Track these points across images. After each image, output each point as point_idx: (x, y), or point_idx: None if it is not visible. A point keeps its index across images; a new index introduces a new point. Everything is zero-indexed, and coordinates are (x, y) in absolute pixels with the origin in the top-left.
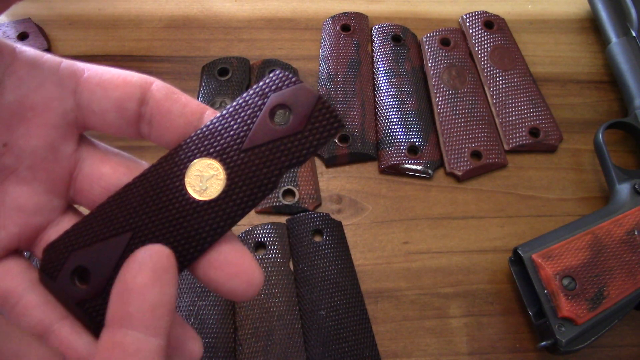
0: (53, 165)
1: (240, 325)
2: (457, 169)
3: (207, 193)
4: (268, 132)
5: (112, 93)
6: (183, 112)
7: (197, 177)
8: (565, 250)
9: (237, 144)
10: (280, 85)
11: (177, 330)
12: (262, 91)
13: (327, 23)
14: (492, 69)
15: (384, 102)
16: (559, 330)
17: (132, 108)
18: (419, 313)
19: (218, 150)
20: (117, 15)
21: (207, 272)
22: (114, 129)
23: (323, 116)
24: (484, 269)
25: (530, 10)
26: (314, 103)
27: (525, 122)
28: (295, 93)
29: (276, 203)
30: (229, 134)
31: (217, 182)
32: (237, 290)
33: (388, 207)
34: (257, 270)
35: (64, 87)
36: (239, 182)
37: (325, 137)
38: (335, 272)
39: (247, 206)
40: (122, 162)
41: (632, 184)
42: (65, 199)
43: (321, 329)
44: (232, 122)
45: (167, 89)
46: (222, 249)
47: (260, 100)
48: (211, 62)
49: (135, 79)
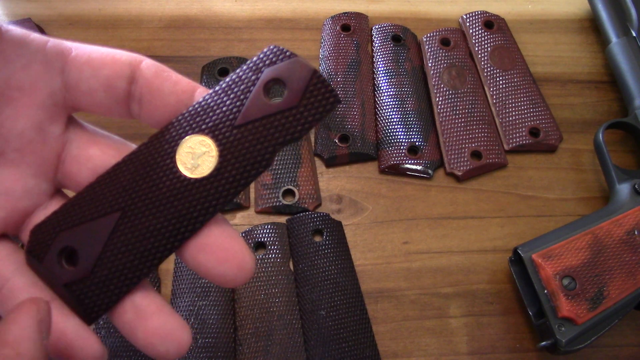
0: (41, 148)
1: (240, 325)
2: (457, 169)
3: (199, 170)
4: (262, 107)
5: (100, 72)
6: (174, 89)
7: (188, 154)
8: (565, 250)
9: (230, 120)
10: (275, 60)
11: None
12: (255, 66)
13: (327, 23)
14: (492, 69)
15: (384, 102)
16: (559, 330)
17: (122, 86)
18: (419, 313)
19: (210, 126)
20: (117, 15)
21: (196, 256)
22: (103, 108)
23: (318, 91)
24: (484, 269)
25: (530, 10)
26: (309, 77)
27: (525, 122)
28: (289, 67)
29: (276, 203)
30: (222, 110)
31: (209, 159)
32: (227, 276)
33: (388, 207)
34: (249, 255)
35: (51, 67)
36: (232, 159)
37: (320, 113)
38: (335, 272)
39: (240, 184)
40: (111, 144)
41: (632, 184)
42: (53, 183)
43: (321, 329)
44: (225, 98)
45: (157, 66)
46: (212, 232)
47: (254, 75)
48: (211, 62)
49: (125, 57)
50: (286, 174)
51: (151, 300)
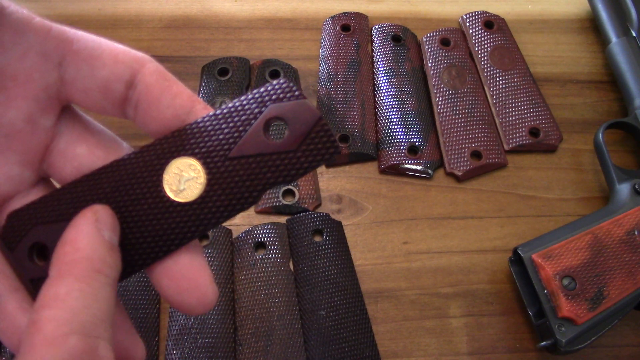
0: (29, 138)
1: (240, 325)
2: (457, 169)
3: (184, 195)
4: (259, 144)
5: (98, 72)
6: (171, 103)
7: (176, 175)
8: (565, 250)
9: (225, 150)
10: (282, 97)
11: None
12: (262, 98)
13: (327, 23)
14: (492, 69)
15: (384, 102)
16: (559, 330)
17: (119, 90)
18: (419, 313)
19: (204, 152)
20: (117, 15)
21: (160, 280)
22: (98, 108)
23: (320, 139)
24: (484, 269)
25: (530, 10)
26: (314, 123)
27: (525, 122)
28: (295, 108)
29: (276, 203)
30: (218, 137)
31: (196, 185)
32: (185, 305)
33: (388, 207)
34: (211, 289)
35: (48, 59)
36: (218, 191)
37: (318, 161)
38: (335, 272)
39: (222, 217)
40: (101, 143)
41: (632, 184)
42: (38, 172)
43: (321, 329)
44: (224, 125)
45: (159, 74)
46: (180, 259)
47: (258, 108)
48: (211, 62)
49: (128, 58)
50: None
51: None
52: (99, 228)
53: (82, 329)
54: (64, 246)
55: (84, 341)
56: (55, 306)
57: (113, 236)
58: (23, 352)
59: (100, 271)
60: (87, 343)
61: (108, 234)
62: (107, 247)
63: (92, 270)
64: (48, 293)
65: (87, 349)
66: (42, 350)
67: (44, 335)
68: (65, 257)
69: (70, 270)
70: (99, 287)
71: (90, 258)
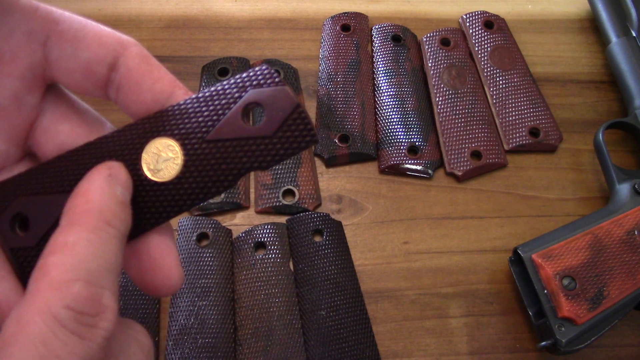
0: (15, 115)
1: (240, 325)
2: (457, 169)
3: (161, 174)
4: (236, 128)
5: (81, 53)
6: (152, 87)
7: (154, 155)
8: (565, 250)
9: (203, 132)
10: (262, 83)
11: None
12: (243, 83)
13: (327, 23)
14: (492, 69)
15: (384, 102)
16: (559, 330)
17: (101, 72)
18: (419, 313)
19: (182, 133)
20: (117, 15)
21: (127, 259)
22: (80, 88)
23: (297, 126)
24: (484, 269)
25: (530, 10)
26: (290, 110)
27: (525, 122)
28: (274, 94)
29: (276, 203)
30: (198, 119)
31: (173, 165)
32: (149, 287)
33: (388, 207)
34: (176, 272)
35: (34, 38)
36: (195, 173)
37: (294, 149)
38: (335, 272)
39: (198, 199)
40: (85, 121)
41: (632, 184)
42: (22, 148)
43: (321, 329)
44: (204, 108)
45: (142, 58)
46: (149, 240)
47: (238, 93)
48: (211, 62)
49: (112, 41)
50: (286, 174)
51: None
52: (112, 183)
53: (88, 276)
54: (75, 197)
55: (89, 289)
56: (63, 252)
57: (125, 192)
58: (28, 296)
59: (110, 223)
60: (92, 291)
61: (120, 189)
62: (118, 202)
63: (102, 222)
64: (56, 241)
65: (91, 296)
66: (47, 294)
67: (49, 280)
68: (76, 207)
69: (80, 220)
70: (108, 239)
71: (101, 210)
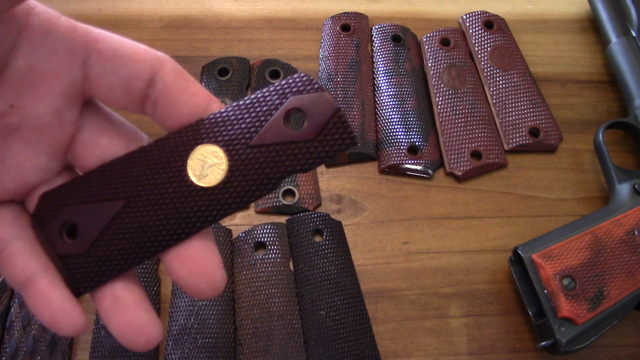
0: (56, 130)
1: (240, 325)
2: (457, 169)
3: (207, 180)
4: (279, 133)
5: (121, 70)
6: (189, 102)
7: (199, 161)
8: (565, 250)
9: (246, 138)
10: (302, 89)
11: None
12: (282, 90)
13: (327, 23)
14: (492, 69)
15: (384, 102)
16: (559, 330)
17: (140, 88)
18: (419, 313)
19: (226, 140)
20: (117, 15)
21: (172, 263)
22: (119, 104)
23: (337, 130)
24: (484, 269)
25: (530, 10)
26: (331, 114)
27: (525, 122)
28: (314, 100)
29: (276, 203)
30: (240, 126)
31: (218, 171)
32: (194, 289)
33: (388, 207)
34: (219, 274)
35: (74, 58)
36: (240, 177)
37: (334, 151)
38: (335, 272)
39: (243, 202)
40: (122, 133)
41: (632, 184)
42: (63, 162)
43: (321, 329)
44: (246, 115)
45: (178, 73)
46: (192, 244)
47: (279, 100)
48: (211, 62)
49: (149, 57)
50: None
51: (131, 292)
52: None
53: None
54: None
55: None
56: None
57: None
58: None
59: None
60: None
61: None
62: None
63: None
64: None
65: None
66: None
67: None
68: None
69: None
70: None
71: None
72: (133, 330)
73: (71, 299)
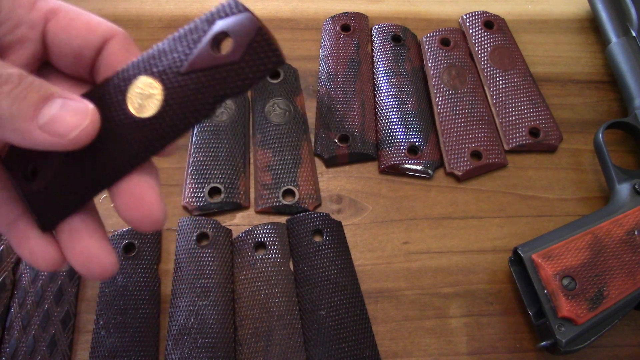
0: None
1: (240, 325)
2: (457, 169)
3: (145, 111)
4: (207, 58)
5: (74, 40)
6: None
7: (138, 94)
8: (565, 250)
9: (178, 66)
10: (229, 13)
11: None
12: (211, 16)
13: (327, 23)
14: (492, 69)
15: (384, 102)
16: (559, 330)
17: (89, 56)
18: (419, 313)
19: (160, 70)
20: (117, 15)
21: (115, 198)
22: (71, 71)
23: (262, 48)
24: (484, 269)
25: (530, 10)
26: (254, 33)
27: (525, 122)
28: (238, 22)
29: (276, 203)
30: (173, 56)
31: (154, 101)
32: (133, 223)
33: (388, 207)
34: (157, 207)
35: (35, 29)
36: (174, 105)
37: (262, 71)
38: (335, 272)
39: (179, 129)
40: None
41: (632, 184)
42: None
43: (321, 329)
44: (177, 45)
45: (124, 44)
46: (132, 178)
47: (207, 26)
48: None
49: (102, 28)
50: (286, 174)
51: (86, 224)
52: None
53: None
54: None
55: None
56: None
57: None
58: None
59: None
60: None
61: None
62: None
63: None
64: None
65: None
66: None
67: None
68: None
69: None
70: None
71: None
72: (86, 259)
73: (47, 237)
